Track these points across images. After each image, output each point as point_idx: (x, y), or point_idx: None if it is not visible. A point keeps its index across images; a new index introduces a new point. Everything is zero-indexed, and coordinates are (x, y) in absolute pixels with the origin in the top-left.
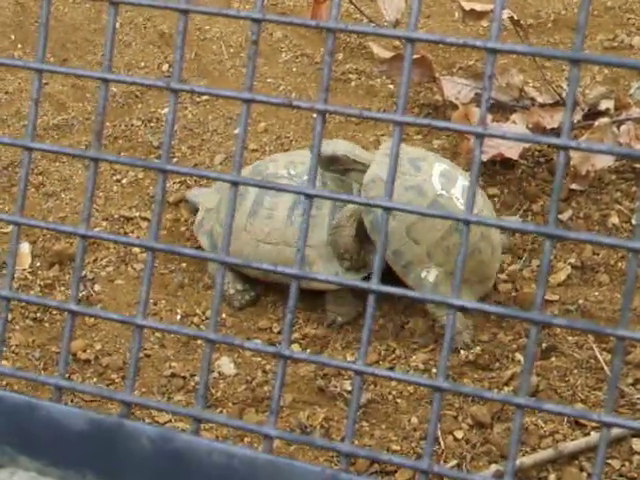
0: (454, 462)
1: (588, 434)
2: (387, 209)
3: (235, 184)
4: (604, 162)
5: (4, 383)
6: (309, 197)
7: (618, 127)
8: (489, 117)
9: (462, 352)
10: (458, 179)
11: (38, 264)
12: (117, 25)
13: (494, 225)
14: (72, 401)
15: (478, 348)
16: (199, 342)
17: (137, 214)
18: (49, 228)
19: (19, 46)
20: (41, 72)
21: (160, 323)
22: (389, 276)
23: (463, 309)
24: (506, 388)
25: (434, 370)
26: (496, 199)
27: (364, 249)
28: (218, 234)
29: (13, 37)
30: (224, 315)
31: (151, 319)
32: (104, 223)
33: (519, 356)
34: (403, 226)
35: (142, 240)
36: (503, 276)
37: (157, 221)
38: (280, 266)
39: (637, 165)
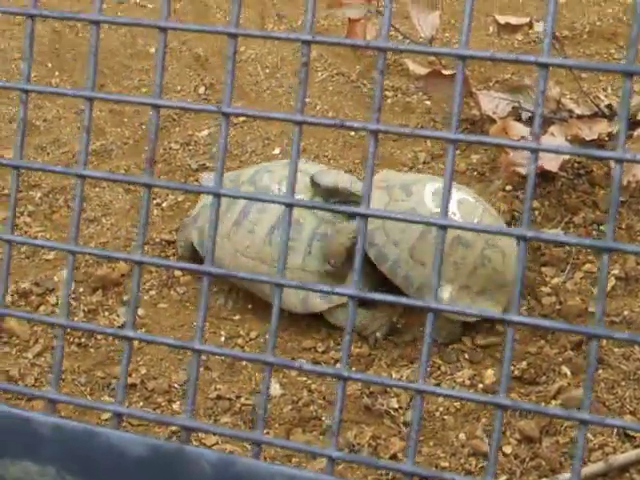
0: (504, 478)
1: (638, 446)
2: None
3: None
4: None
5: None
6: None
7: None
8: (527, 130)
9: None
10: (455, 193)
11: (81, 289)
12: (152, 50)
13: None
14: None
15: (524, 363)
16: (244, 364)
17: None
18: (102, 256)
19: (56, 74)
20: (92, 100)
21: (215, 347)
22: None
23: (521, 324)
24: (553, 402)
25: (480, 386)
26: (537, 212)
27: (348, 265)
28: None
29: (50, 65)
30: (267, 336)
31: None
32: (145, 247)
33: (565, 369)
34: (406, 250)
35: (198, 266)
36: (546, 289)
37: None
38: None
39: None
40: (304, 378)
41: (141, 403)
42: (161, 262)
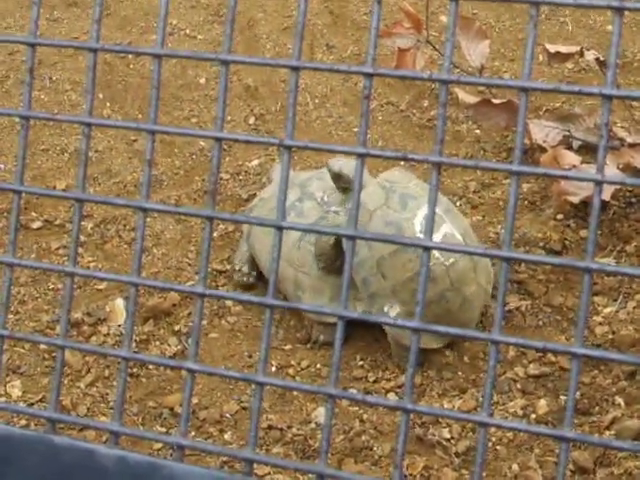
0: None
1: None
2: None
3: (279, 228)
4: None
5: (104, 439)
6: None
7: None
8: (578, 159)
9: (562, 397)
10: (442, 226)
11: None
12: (203, 80)
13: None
14: (170, 455)
15: (578, 393)
16: (295, 394)
17: (229, 267)
18: (166, 288)
19: (107, 104)
20: (153, 133)
21: (279, 379)
22: None
23: (587, 357)
24: (607, 432)
25: (533, 416)
26: (589, 241)
27: (340, 258)
28: (254, 235)
29: (101, 96)
30: (318, 365)
31: (264, 375)
32: (196, 277)
33: (619, 399)
34: (375, 257)
35: (261, 298)
36: (599, 318)
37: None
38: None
39: None
40: (355, 408)
41: (192, 432)
42: (224, 294)
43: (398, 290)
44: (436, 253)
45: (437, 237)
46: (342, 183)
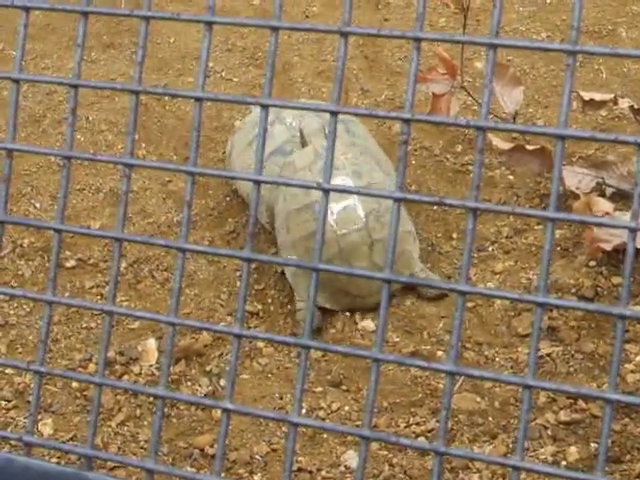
0: None
1: None
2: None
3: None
4: None
5: (134, 479)
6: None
7: None
8: (611, 206)
9: (592, 445)
10: (349, 198)
11: (163, 359)
12: (237, 122)
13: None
14: None
15: (609, 440)
16: (325, 436)
17: (260, 307)
18: (204, 328)
19: (142, 145)
20: (193, 175)
21: (314, 420)
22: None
23: (620, 403)
24: None
25: (563, 463)
26: (620, 288)
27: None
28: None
29: (137, 136)
30: (347, 408)
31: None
32: (229, 318)
33: None
34: (285, 210)
35: (297, 339)
36: (630, 366)
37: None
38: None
39: None
40: (385, 452)
41: (222, 474)
42: (260, 335)
43: (296, 246)
44: (331, 221)
45: (337, 207)
46: (301, 139)
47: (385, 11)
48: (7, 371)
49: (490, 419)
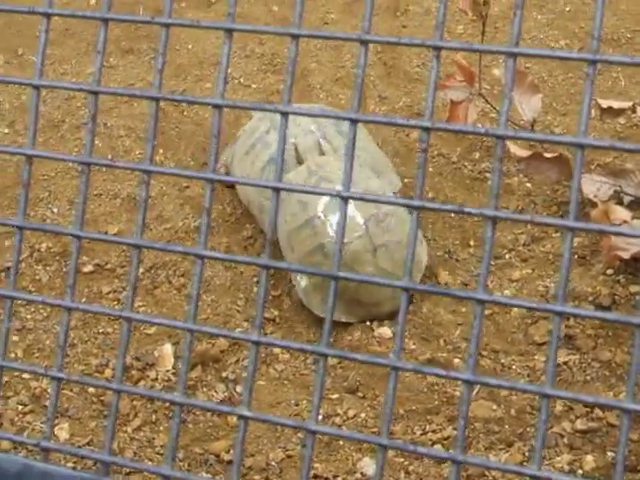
0: None
1: None
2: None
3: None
4: None
5: None
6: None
7: None
8: (629, 214)
9: (609, 454)
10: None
11: (179, 365)
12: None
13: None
14: None
15: (626, 449)
16: (341, 443)
17: (276, 313)
18: (222, 335)
19: (160, 151)
20: (212, 182)
21: (331, 427)
22: None
23: (636, 412)
24: None
25: (579, 472)
26: (638, 296)
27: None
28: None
29: (155, 142)
30: (363, 415)
31: (318, 423)
32: (245, 324)
33: None
34: (287, 230)
35: (314, 347)
36: None
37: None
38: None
39: None
40: (401, 459)
41: None
42: (277, 342)
43: (302, 263)
44: (330, 232)
45: (335, 218)
46: (296, 155)
47: (404, 18)
48: (24, 375)
49: (506, 427)
